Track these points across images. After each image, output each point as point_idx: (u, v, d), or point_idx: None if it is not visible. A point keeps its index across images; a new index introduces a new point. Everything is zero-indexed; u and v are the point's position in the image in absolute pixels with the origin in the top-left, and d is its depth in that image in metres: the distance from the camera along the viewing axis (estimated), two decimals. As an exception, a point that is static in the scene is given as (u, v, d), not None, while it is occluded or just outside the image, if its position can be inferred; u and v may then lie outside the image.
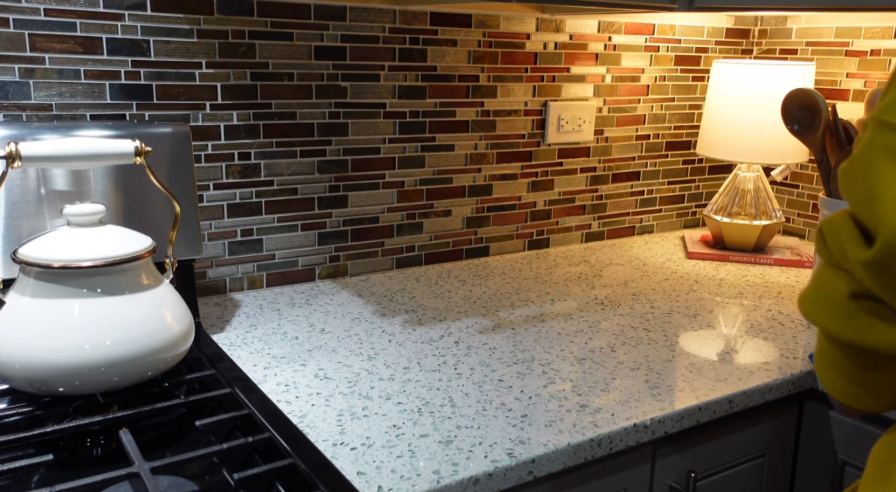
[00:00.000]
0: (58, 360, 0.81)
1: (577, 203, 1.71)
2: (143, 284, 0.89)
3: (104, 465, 0.80)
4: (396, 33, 1.38)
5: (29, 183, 0.99)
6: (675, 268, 1.56)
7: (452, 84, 1.46)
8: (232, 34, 1.23)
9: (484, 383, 1.00)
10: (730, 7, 1.27)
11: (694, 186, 1.90)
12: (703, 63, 1.80)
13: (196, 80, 1.21)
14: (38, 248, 0.85)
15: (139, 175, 1.05)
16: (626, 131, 1.73)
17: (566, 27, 1.56)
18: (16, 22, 1.07)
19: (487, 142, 1.54)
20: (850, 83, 1.68)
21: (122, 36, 1.14)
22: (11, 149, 0.84)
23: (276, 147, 1.31)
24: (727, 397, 0.99)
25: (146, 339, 0.86)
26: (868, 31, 1.64)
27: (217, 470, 0.79)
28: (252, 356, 1.07)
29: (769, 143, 1.56)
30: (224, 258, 1.31)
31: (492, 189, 1.58)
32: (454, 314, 1.25)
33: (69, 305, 0.83)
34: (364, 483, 0.77)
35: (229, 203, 1.29)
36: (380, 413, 0.91)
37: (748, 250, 1.67)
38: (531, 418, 0.91)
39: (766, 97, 1.53)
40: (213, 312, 1.24)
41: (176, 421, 0.89)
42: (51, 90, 1.11)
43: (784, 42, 1.80)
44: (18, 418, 0.87)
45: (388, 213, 1.46)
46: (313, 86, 1.32)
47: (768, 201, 1.67)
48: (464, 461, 0.81)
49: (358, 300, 1.31)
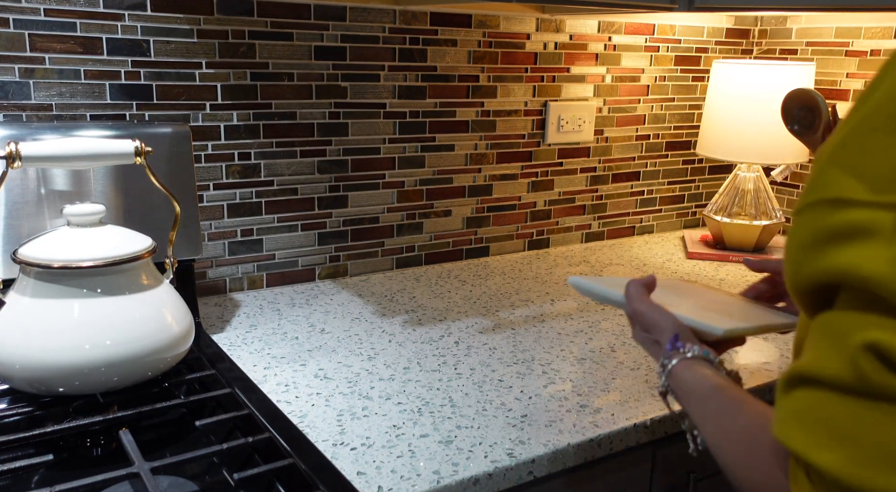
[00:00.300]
0: (58, 360, 0.81)
1: (577, 203, 1.71)
2: (143, 284, 0.89)
3: (104, 465, 0.80)
4: (396, 33, 1.38)
5: (29, 183, 0.99)
6: (675, 268, 1.56)
7: (452, 84, 1.46)
8: (232, 34, 1.22)
9: (484, 383, 1.00)
10: (730, 7, 1.27)
11: (694, 186, 1.90)
12: (703, 63, 1.80)
13: (196, 81, 1.21)
14: (38, 248, 0.85)
15: (139, 175, 1.05)
16: (626, 131, 1.73)
17: (566, 27, 1.56)
18: (16, 22, 1.07)
19: (487, 142, 1.54)
20: (850, 83, 1.68)
21: (122, 36, 1.14)
22: (11, 149, 0.84)
23: (276, 147, 1.31)
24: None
25: (146, 339, 0.86)
26: (868, 32, 1.64)
27: (217, 470, 0.79)
28: (252, 356, 1.07)
29: (769, 143, 1.56)
30: (224, 258, 1.31)
31: (492, 189, 1.58)
32: (454, 314, 1.25)
33: (69, 305, 0.83)
34: (364, 483, 0.77)
35: (229, 203, 1.29)
36: (380, 413, 0.91)
37: (748, 250, 1.67)
38: (531, 417, 0.91)
39: (766, 97, 1.53)
40: (213, 312, 1.24)
41: (176, 421, 0.89)
42: (51, 90, 1.11)
43: (784, 42, 1.80)
44: (18, 418, 0.87)
45: (388, 213, 1.46)
46: (313, 86, 1.32)
47: (768, 201, 1.67)
48: (464, 461, 0.81)
49: (358, 300, 1.31)
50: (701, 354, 0.68)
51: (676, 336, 0.70)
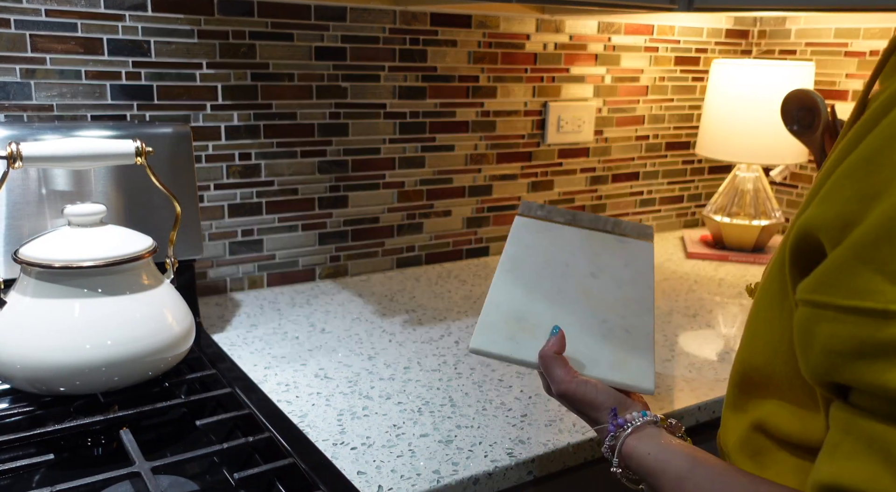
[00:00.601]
0: (58, 360, 0.81)
1: (577, 203, 1.71)
2: (143, 284, 0.89)
3: (105, 464, 0.80)
4: (396, 34, 1.38)
5: (30, 183, 0.99)
6: (674, 268, 1.57)
7: (452, 84, 1.47)
8: (232, 35, 1.23)
9: (484, 383, 1.00)
10: (729, 7, 1.28)
11: (693, 187, 1.90)
12: (703, 63, 1.80)
13: (197, 81, 1.21)
14: (39, 248, 0.85)
15: (140, 175, 1.05)
16: (625, 132, 1.73)
17: (566, 27, 1.57)
18: (17, 23, 1.07)
19: (487, 142, 1.54)
20: (850, 84, 1.68)
21: (122, 36, 1.14)
22: (13, 149, 0.84)
23: (276, 147, 1.31)
24: (726, 397, 0.99)
25: (147, 339, 0.86)
26: (867, 32, 1.64)
27: (217, 470, 0.79)
28: (252, 356, 1.07)
29: (769, 143, 1.56)
30: (225, 258, 1.31)
31: (492, 189, 1.58)
32: (454, 314, 1.26)
33: (70, 305, 0.84)
34: (364, 483, 0.77)
35: (230, 203, 1.29)
36: (380, 413, 0.91)
37: (747, 250, 1.67)
38: (531, 417, 0.91)
39: (766, 97, 1.54)
40: (214, 312, 1.24)
41: (176, 421, 0.89)
42: (52, 91, 1.11)
43: (783, 42, 1.80)
44: (19, 417, 0.87)
45: (389, 213, 1.46)
46: (314, 86, 1.32)
47: (767, 202, 1.67)
48: (464, 461, 0.81)
49: (358, 300, 1.31)
50: (644, 421, 0.63)
51: (615, 411, 0.65)
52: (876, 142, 0.43)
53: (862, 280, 0.42)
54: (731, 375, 0.60)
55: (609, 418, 0.65)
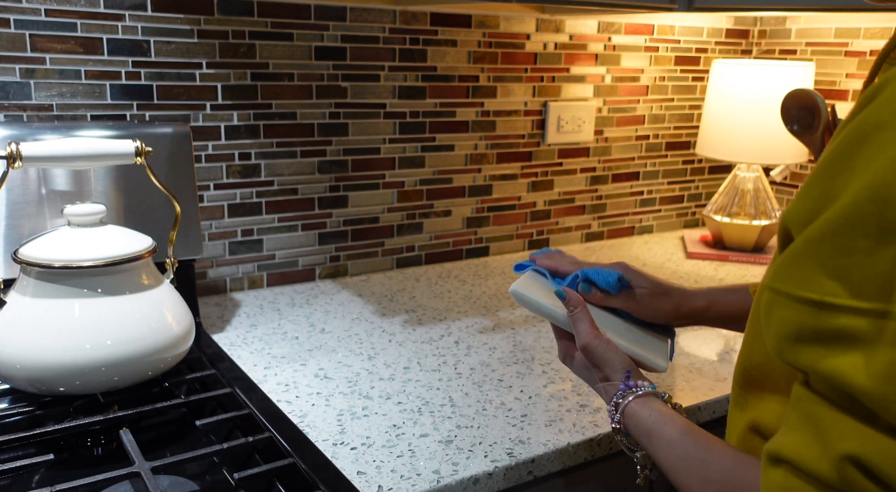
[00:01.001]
0: (58, 360, 0.81)
1: (577, 203, 1.71)
2: (143, 284, 0.89)
3: (105, 464, 0.80)
4: (396, 34, 1.38)
5: (29, 183, 0.99)
6: (674, 268, 1.56)
7: (452, 84, 1.47)
8: (232, 34, 1.23)
9: (484, 383, 1.00)
10: (729, 7, 1.28)
11: (693, 186, 1.90)
12: (703, 63, 1.80)
13: (196, 81, 1.21)
14: (39, 248, 0.85)
15: (140, 175, 1.05)
16: (625, 131, 1.73)
17: (566, 27, 1.57)
18: (16, 22, 1.07)
19: (487, 142, 1.54)
20: (850, 83, 1.68)
21: (122, 36, 1.14)
22: (12, 149, 0.84)
23: (276, 147, 1.31)
24: (727, 397, 0.99)
25: (146, 339, 0.86)
26: (867, 32, 1.64)
27: (217, 470, 0.79)
28: (252, 356, 1.07)
29: (769, 143, 1.56)
30: (224, 258, 1.31)
31: (492, 189, 1.58)
32: (454, 314, 1.25)
33: (70, 305, 0.84)
34: (364, 483, 0.77)
35: (230, 203, 1.29)
36: (380, 413, 0.91)
37: (748, 250, 1.67)
38: (531, 417, 0.91)
39: (766, 97, 1.54)
40: (214, 312, 1.24)
41: (176, 421, 0.89)
42: (51, 90, 1.11)
43: (783, 42, 1.80)
44: (19, 417, 0.87)
45: (388, 213, 1.46)
46: (313, 86, 1.32)
47: (768, 201, 1.67)
48: (464, 461, 0.81)
49: (358, 300, 1.31)
50: (651, 391, 0.70)
51: (629, 374, 0.71)
52: (842, 144, 0.45)
53: (807, 273, 0.45)
54: (734, 373, 0.63)
55: (622, 378, 0.71)
